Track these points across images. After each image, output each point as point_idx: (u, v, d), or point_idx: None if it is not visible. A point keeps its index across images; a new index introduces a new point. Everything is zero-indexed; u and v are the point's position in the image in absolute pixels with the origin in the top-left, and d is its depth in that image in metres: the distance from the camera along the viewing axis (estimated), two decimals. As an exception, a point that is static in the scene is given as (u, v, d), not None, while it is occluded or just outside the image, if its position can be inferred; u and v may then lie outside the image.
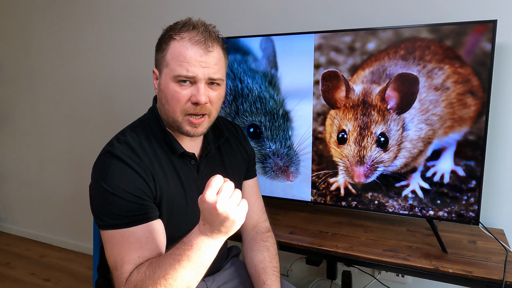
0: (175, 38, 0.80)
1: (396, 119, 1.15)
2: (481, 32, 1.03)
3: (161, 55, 0.83)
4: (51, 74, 2.26)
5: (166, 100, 0.82)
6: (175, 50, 0.80)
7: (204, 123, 0.83)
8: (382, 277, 1.52)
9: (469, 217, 1.11)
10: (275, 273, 0.95)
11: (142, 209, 0.78)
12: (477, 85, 1.05)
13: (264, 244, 1.00)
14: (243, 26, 1.64)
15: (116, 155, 0.78)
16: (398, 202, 1.19)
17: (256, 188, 1.08)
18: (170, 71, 0.80)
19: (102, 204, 0.77)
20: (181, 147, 0.86)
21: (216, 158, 0.95)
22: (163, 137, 0.86)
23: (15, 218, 2.65)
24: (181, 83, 0.80)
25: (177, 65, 0.79)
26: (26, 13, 2.27)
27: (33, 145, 2.43)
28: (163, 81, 0.82)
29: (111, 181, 0.76)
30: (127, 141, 0.82)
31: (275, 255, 1.00)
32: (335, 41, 1.19)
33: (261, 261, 0.96)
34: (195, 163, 0.90)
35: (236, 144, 1.02)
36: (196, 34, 0.80)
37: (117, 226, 0.76)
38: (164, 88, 0.82)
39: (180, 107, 0.81)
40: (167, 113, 0.83)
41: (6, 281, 2.04)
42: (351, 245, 1.16)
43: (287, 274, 1.72)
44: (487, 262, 1.04)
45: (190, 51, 0.78)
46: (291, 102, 1.29)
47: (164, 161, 0.85)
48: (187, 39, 0.79)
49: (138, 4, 1.90)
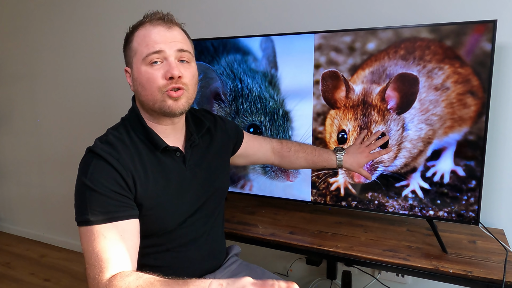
0: (138, 28, 0.86)
1: (396, 119, 1.15)
2: (481, 32, 1.03)
3: (128, 49, 0.88)
4: (51, 74, 2.26)
5: (142, 86, 0.84)
6: (139, 36, 0.85)
7: (183, 97, 0.84)
8: (382, 277, 1.52)
9: (469, 217, 1.11)
10: (313, 147, 1.19)
11: (119, 206, 0.78)
12: (477, 85, 1.05)
13: (289, 151, 1.18)
14: (243, 26, 1.64)
15: (96, 152, 0.80)
16: (398, 202, 1.19)
17: (252, 137, 1.18)
18: (140, 56, 0.83)
19: (82, 199, 0.78)
20: (163, 141, 0.88)
21: (201, 147, 0.97)
22: (145, 133, 0.87)
23: (15, 218, 2.65)
24: (153, 64, 0.82)
25: (144, 47, 0.83)
26: (26, 13, 2.27)
27: (33, 145, 2.43)
28: (135, 70, 0.85)
29: (91, 176, 0.78)
30: (108, 139, 0.84)
31: (301, 144, 1.21)
32: (335, 41, 1.19)
33: (304, 157, 1.16)
34: (180, 155, 0.91)
35: (217, 130, 1.04)
36: (155, 18, 0.85)
37: (94, 222, 0.76)
38: (137, 76, 0.84)
39: (156, 86, 0.82)
40: (146, 99, 0.85)
41: (6, 281, 2.04)
42: (351, 245, 1.16)
43: (287, 274, 1.72)
44: (487, 262, 1.04)
45: (153, 31, 0.83)
46: (291, 102, 1.29)
47: (147, 157, 0.86)
48: (147, 24, 0.85)
49: (138, 4, 1.90)
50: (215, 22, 1.71)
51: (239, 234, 1.27)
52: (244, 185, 1.42)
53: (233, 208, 1.49)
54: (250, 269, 1.07)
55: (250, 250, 1.73)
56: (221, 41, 1.37)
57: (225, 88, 1.37)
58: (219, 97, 1.38)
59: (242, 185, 1.42)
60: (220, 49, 1.37)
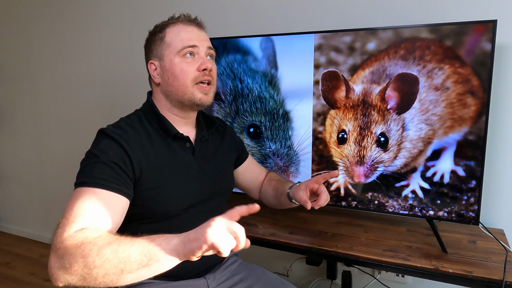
0: (169, 26, 0.93)
1: (396, 119, 1.15)
2: (481, 32, 1.03)
3: (158, 43, 0.93)
4: (51, 74, 2.26)
5: (174, 77, 0.90)
6: (173, 32, 0.92)
7: (210, 91, 0.93)
8: (382, 277, 1.52)
9: (469, 217, 1.11)
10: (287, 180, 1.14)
11: (116, 179, 0.80)
12: (477, 85, 1.05)
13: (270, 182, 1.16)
14: (243, 26, 1.64)
15: (107, 133, 0.86)
16: (398, 202, 1.19)
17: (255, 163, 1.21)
18: (173, 49, 0.90)
19: (84, 165, 0.82)
20: (175, 128, 0.93)
21: (210, 144, 1.02)
22: (158, 121, 0.93)
23: (15, 218, 2.65)
24: (186, 57, 0.90)
25: (179, 41, 0.90)
26: (26, 13, 2.27)
27: (33, 145, 2.43)
28: (167, 63, 0.91)
29: (99, 148, 0.83)
30: (119, 125, 0.90)
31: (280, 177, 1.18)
32: (335, 41, 1.19)
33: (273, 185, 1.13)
34: (190, 145, 0.96)
35: (225, 133, 1.10)
36: (187, 18, 0.95)
37: (86, 184, 0.78)
38: (169, 67, 0.90)
39: (190, 78, 0.90)
40: (176, 89, 0.91)
41: (6, 281, 2.04)
42: (351, 245, 1.16)
43: (287, 274, 1.72)
44: (487, 262, 1.04)
45: (187, 29, 0.92)
46: (291, 102, 1.29)
47: (157, 141, 0.91)
48: (180, 23, 0.93)
49: (138, 4, 1.90)
50: (215, 22, 1.71)
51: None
52: (244, 185, 1.42)
53: (233, 208, 1.49)
54: (250, 269, 1.07)
55: (250, 250, 1.73)
56: (221, 41, 1.37)
57: (225, 88, 1.37)
58: (219, 97, 1.38)
59: (242, 185, 1.42)
60: (220, 49, 1.37)
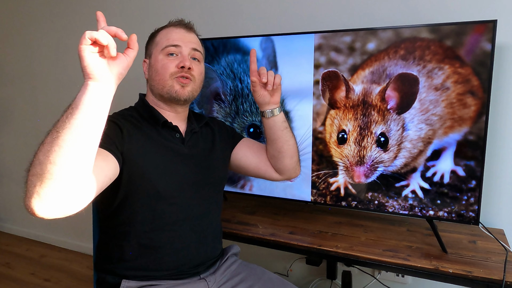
0: (163, 29, 1.02)
1: (396, 119, 1.15)
2: (481, 32, 1.03)
3: (150, 44, 1.03)
4: (51, 74, 2.26)
5: (156, 71, 0.97)
6: (162, 33, 1.01)
7: (189, 85, 0.97)
8: (382, 277, 1.52)
9: (469, 217, 1.11)
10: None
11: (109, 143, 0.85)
12: (477, 85, 1.05)
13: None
14: (243, 26, 1.64)
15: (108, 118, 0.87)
16: (398, 202, 1.19)
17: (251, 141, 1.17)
18: (159, 47, 0.98)
19: None
20: (163, 117, 0.98)
21: (201, 135, 1.07)
22: (148, 111, 0.99)
23: (15, 218, 2.64)
24: (169, 56, 0.97)
25: (164, 41, 0.98)
26: (26, 13, 2.27)
27: (33, 145, 2.41)
28: (153, 59, 0.99)
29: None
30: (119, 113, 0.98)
31: None
32: (335, 41, 1.19)
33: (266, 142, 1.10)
34: (180, 136, 1.00)
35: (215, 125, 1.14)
36: (177, 22, 1.02)
37: None
38: (154, 63, 0.99)
39: (169, 72, 0.95)
40: (157, 83, 0.97)
41: (6, 281, 2.04)
42: (351, 245, 1.16)
43: (287, 274, 1.72)
44: (487, 262, 1.04)
45: (175, 30, 1.00)
46: (291, 102, 1.29)
47: (148, 128, 0.96)
48: (172, 26, 1.02)
49: (138, 4, 1.90)
50: (215, 22, 1.71)
51: (239, 234, 1.27)
52: (244, 185, 1.42)
53: (233, 208, 1.49)
54: (250, 269, 1.07)
55: (250, 250, 1.73)
56: (221, 41, 1.37)
57: (225, 88, 1.37)
58: (219, 97, 1.38)
59: (242, 185, 1.42)
60: (220, 49, 1.37)
